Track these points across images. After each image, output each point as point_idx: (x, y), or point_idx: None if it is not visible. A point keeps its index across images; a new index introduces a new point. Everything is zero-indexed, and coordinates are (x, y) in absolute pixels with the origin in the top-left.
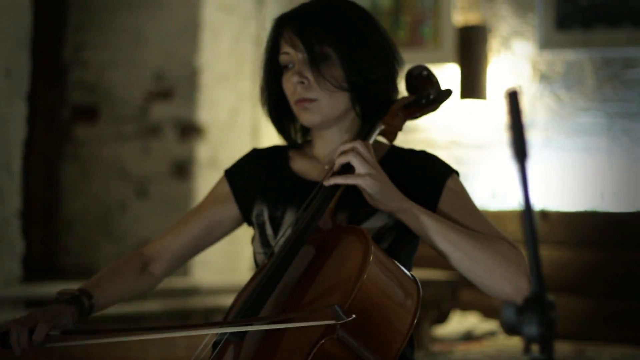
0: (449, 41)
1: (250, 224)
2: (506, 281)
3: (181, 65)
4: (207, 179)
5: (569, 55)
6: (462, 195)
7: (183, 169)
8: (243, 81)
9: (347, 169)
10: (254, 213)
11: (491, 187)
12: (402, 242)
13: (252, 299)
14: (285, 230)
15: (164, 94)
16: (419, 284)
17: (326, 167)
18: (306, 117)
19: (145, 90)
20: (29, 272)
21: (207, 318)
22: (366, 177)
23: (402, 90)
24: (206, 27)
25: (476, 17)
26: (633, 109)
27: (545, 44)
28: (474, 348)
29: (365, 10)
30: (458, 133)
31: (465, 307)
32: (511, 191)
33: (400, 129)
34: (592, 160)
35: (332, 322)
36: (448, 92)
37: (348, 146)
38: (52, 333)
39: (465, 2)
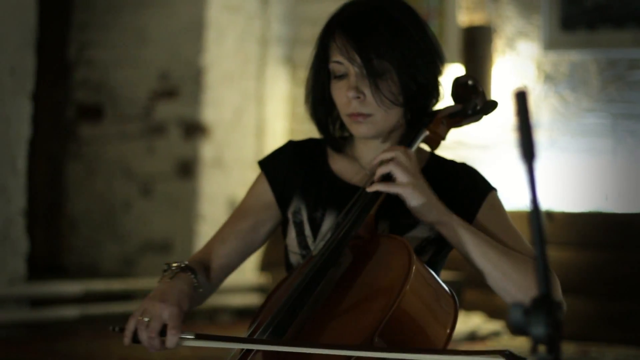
0: (454, 41)
1: (284, 218)
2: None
3: (186, 64)
4: (212, 178)
5: (574, 56)
6: (500, 213)
7: (188, 168)
8: (248, 81)
9: (389, 176)
10: (291, 209)
11: (497, 187)
12: (440, 255)
13: (291, 304)
14: (325, 235)
15: (169, 93)
16: (456, 299)
17: (367, 172)
18: (359, 130)
19: (150, 89)
20: (33, 270)
21: (211, 318)
22: (407, 187)
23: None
24: (211, 27)
25: (481, 17)
26: (638, 110)
27: (550, 44)
28: (478, 348)
29: (412, 8)
30: (463, 133)
31: (470, 307)
32: (517, 192)
33: (444, 137)
34: (596, 161)
35: None
36: (494, 104)
37: (388, 155)
38: (185, 336)
39: (470, 3)
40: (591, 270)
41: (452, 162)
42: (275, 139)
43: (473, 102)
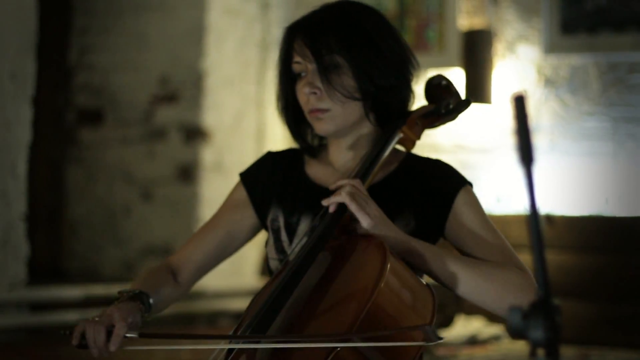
0: (454, 45)
1: (265, 228)
2: (514, 304)
3: (186, 68)
4: (212, 182)
5: (574, 59)
6: (474, 209)
7: (188, 173)
8: (248, 85)
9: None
10: (269, 218)
11: (496, 191)
12: None
13: (270, 305)
14: (301, 239)
15: (169, 97)
16: (434, 292)
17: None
18: (320, 127)
19: (150, 93)
20: (33, 275)
21: (211, 321)
22: (368, 224)
23: (419, 96)
24: (211, 31)
25: (481, 21)
26: (638, 113)
27: (551, 48)
28: (478, 352)
29: (379, 13)
30: (463, 137)
31: (470, 311)
32: (516, 195)
33: (418, 137)
34: (597, 165)
35: (422, 343)
36: (467, 102)
37: (336, 199)
38: (129, 335)
39: (470, 7)
40: (592, 273)
41: (426, 159)
42: (276, 143)
43: (446, 101)
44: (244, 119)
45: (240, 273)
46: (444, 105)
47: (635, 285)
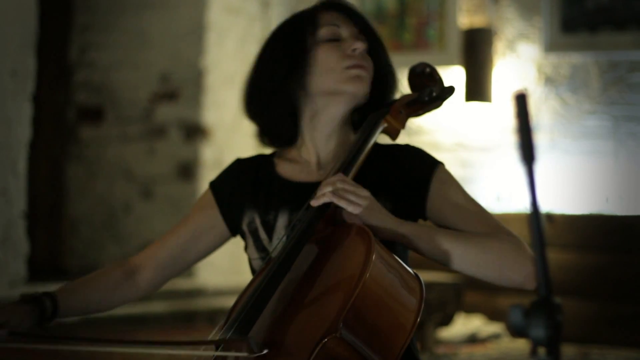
0: (454, 44)
1: (241, 234)
2: (515, 273)
3: (187, 66)
4: None
5: (575, 58)
6: (452, 185)
7: (188, 170)
8: None
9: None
10: (245, 222)
11: (496, 189)
12: None
13: (255, 299)
14: (284, 235)
15: (170, 95)
16: (422, 280)
17: (314, 169)
18: (357, 86)
19: (150, 91)
20: (33, 273)
21: (211, 319)
22: (358, 215)
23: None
24: (212, 29)
25: (481, 19)
26: (639, 112)
27: (551, 46)
28: (478, 350)
29: None
30: (463, 135)
31: (470, 309)
32: (516, 194)
33: (403, 127)
34: (597, 164)
35: (245, 354)
36: (451, 89)
37: (324, 190)
38: None
39: (470, 5)
40: (592, 272)
41: (395, 146)
42: None
43: (429, 89)
44: (244, 117)
45: (240, 271)
46: (428, 92)
47: (636, 284)
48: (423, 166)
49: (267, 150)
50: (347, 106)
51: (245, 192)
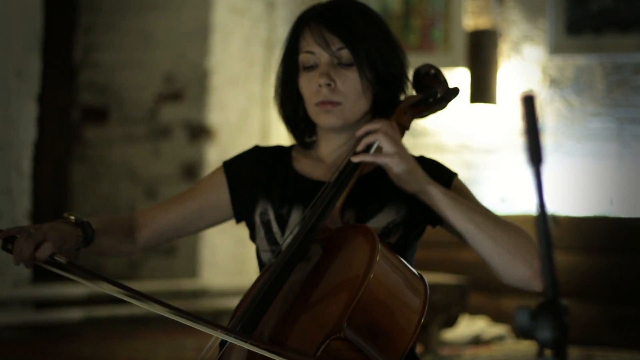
0: (459, 45)
1: (249, 223)
2: (527, 262)
3: (191, 67)
4: None
5: (579, 60)
6: (469, 194)
7: (192, 171)
8: (253, 84)
9: (369, 150)
10: (258, 212)
11: (500, 191)
12: (409, 238)
13: (260, 298)
14: (293, 229)
15: (174, 96)
16: (426, 281)
17: (332, 169)
18: (326, 120)
19: (155, 92)
20: (38, 273)
21: (215, 320)
22: (394, 157)
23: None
24: (216, 30)
25: (486, 21)
26: None
27: (556, 48)
28: (482, 352)
29: (371, 8)
30: (468, 137)
31: (474, 311)
32: (520, 196)
33: (407, 127)
34: (601, 166)
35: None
36: (455, 91)
37: (374, 126)
38: (58, 258)
39: (475, 7)
40: (596, 274)
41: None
42: (281, 141)
43: (433, 90)
44: (248, 118)
45: (244, 271)
46: (432, 94)
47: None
48: (441, 175)
49: (287, 142)
50: (330, 127)
51: (260, 182)
